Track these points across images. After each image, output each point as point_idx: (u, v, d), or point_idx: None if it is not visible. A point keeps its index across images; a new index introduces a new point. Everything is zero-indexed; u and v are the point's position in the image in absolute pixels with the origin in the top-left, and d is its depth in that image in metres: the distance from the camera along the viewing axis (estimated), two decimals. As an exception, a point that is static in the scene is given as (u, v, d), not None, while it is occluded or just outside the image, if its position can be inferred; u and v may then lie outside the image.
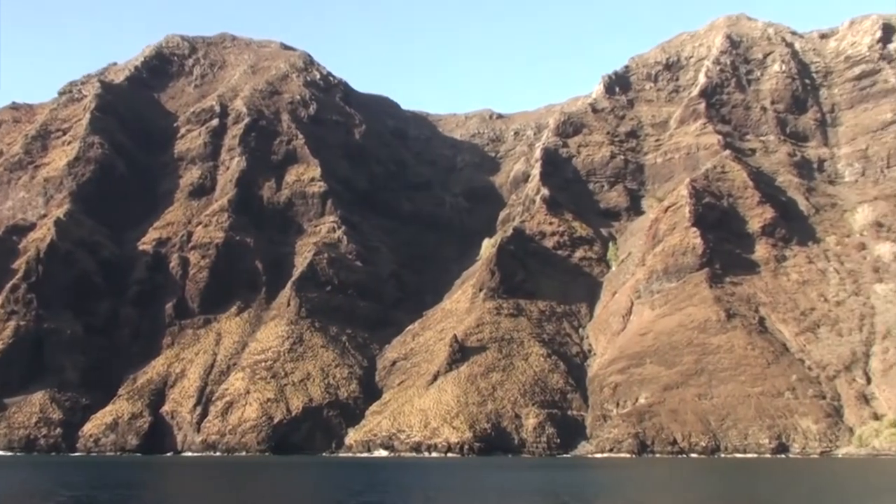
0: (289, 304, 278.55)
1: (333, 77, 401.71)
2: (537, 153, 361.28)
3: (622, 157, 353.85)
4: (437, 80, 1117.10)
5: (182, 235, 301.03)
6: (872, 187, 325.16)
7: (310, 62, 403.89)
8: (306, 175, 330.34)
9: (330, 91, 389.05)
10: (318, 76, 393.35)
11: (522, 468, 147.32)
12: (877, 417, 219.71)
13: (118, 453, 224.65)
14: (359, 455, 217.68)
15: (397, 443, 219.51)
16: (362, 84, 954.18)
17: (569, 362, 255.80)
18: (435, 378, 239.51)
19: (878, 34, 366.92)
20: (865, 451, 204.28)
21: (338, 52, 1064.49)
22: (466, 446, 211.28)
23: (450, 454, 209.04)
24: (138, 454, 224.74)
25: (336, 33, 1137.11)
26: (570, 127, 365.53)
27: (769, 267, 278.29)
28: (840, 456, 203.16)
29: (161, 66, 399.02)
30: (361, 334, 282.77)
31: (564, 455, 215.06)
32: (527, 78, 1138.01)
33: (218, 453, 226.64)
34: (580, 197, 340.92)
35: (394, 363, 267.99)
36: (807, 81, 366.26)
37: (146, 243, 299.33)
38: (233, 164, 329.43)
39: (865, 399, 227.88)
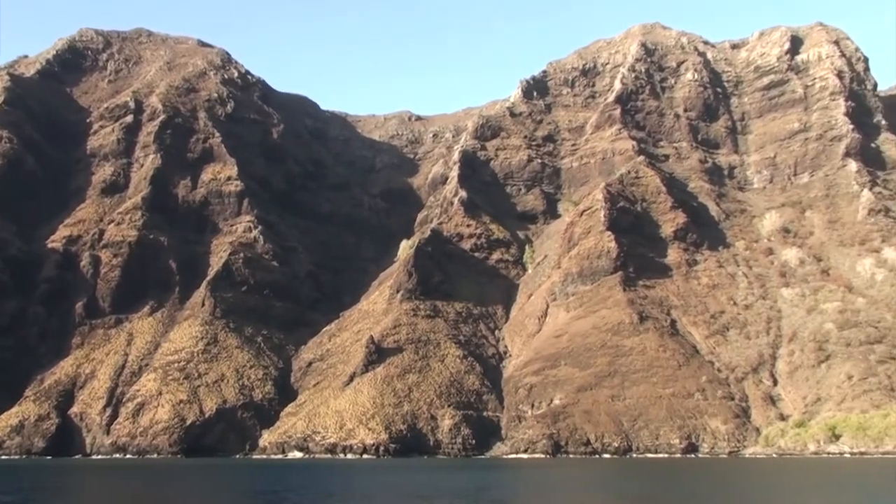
0: (203, 305, 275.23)
1: (251, 75, 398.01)
2: (455, 156, 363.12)
3: (539, 160, 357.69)
4: (357, 80, 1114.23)
5: (94, 233, 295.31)
6: (780, 194, 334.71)
7: (227, 60, 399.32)
8: (223, 174, 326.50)
9: (248, 89, 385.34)
10: (236, 74, 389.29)
11: (438, 469, 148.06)
12: (783, 418, 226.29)
13: (24, 456, 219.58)
14: (273, 457, 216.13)
15: (312, 444, 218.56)
16: (281, 83, 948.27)
17: (485, 364, 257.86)
18: (351, 379, 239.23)
19: (787, 46, 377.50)
20: (771, 451, 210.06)
21: (256, 51, 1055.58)
22: (382, 448, 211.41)
23: (365, 456, 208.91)
24: (46, 457, 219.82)
25: (254, 31, 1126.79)
26: (489, 130, 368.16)
27: (681, 271, 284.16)
28: (747, 456, 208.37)
29: (74, 60, 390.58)
30: (277, 335, 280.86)
31: (480, 456, 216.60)
32: (446, 81, 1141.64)
33: (128, 456, 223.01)
34: (497, 200, 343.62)
35: (310, 364, 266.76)
36: (718, 90, 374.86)
37: (56, 241, 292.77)
38: (147, 162, 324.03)
39: (772, 400, 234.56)
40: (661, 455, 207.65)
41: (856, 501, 79.87)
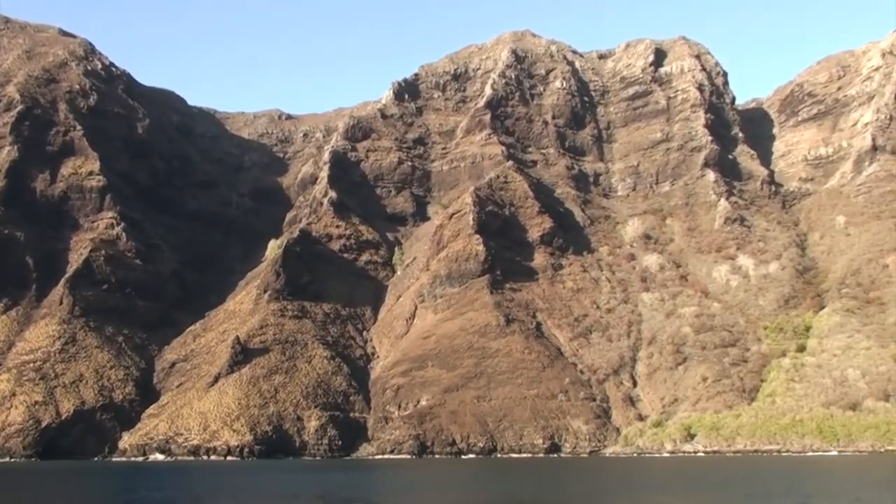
0: (61, 303, 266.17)
1: (116, 68, 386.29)
2: (326, 156, 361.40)
3: (409, 163, 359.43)
4: (227, 77, 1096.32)
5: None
6: (642, 202, 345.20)
7: (91, 51, 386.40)
8: (84, 168, 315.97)
9: (112, 82, 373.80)
10: (100, 66, 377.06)
11: (302, 470, 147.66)
12: (641, 418, 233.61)
13: None
14: (133, 459, 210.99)
15: (175, 446, 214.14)
16: (147, 77, 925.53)
17: (352, 365, 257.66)
18: (216, 380, 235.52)
19: (651, 58, 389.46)
20: (630, 450, 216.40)
21: (121, 43, 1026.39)
22: (247, 449, 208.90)
23: (230, 457, 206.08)
24: None
25: (119, 22, 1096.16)
26: (359, 131, 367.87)
27: (546, 274, 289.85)
28: (608, 455, 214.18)
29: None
30: (139, 335, 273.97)
31: (346, 457, 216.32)
32: (317, 80, 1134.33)
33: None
34: (367, 201, 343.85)
35: (173, 365, 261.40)
36: (585, 99, 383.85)
37: None
38: (3, 154, 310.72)
39: (631, 401, 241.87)
40: (524, 455, 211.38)
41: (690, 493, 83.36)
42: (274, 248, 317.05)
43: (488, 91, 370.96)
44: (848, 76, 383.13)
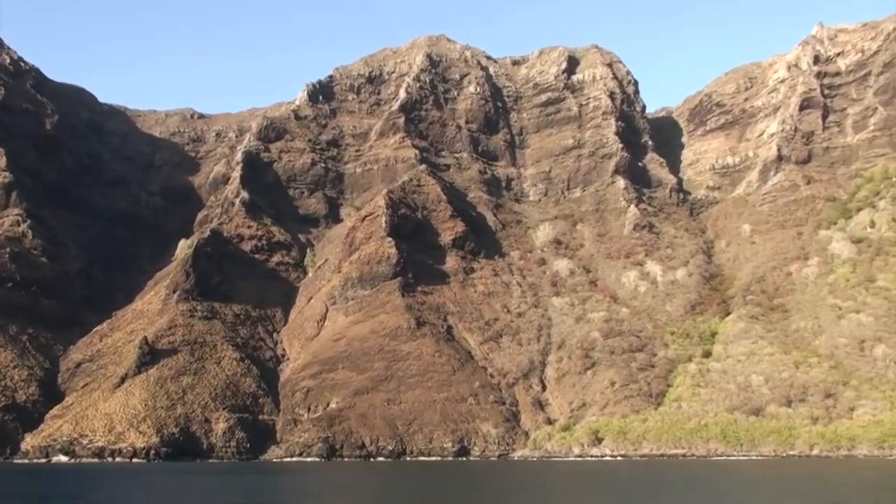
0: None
1: (25, 63, 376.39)
2: (238, 156, 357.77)
3: (323, 165, 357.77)
4: (138, 74, 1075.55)
5: None
6: (553, 207, 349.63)
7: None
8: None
9: (20, 77, 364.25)
10: (8, 60, 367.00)
11: (209, 473, 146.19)
12: (550, 422, 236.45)
13: None
14: (36, 461, 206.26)
15: (79, 448, 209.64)
16: (57, 73, 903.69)
17: (262, 367, 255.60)
18: (122, 381, 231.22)
19: (564, 65, 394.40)
20: (539, 454, 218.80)
21: (31, 38, 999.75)
22: (153, 451, 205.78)
23: (135, 459, 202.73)
24: None
25: (29, 17, 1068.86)
26: (273, 132, 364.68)
27: (458, 278, 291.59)
28: (516, 458, 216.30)
29: None
30: (44, 334, 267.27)
31: (254, 460, 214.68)
32: (231, 80, 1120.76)
33: None
34: (280, 202, 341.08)
35: (78, 365, 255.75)
36: (499, 104, 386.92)
37: None
38: None
39: (540, 405, 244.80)
40: (433, 458, 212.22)
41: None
42: (184, 247, 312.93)
43: (403, 94, 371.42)
44: (755, 87, 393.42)
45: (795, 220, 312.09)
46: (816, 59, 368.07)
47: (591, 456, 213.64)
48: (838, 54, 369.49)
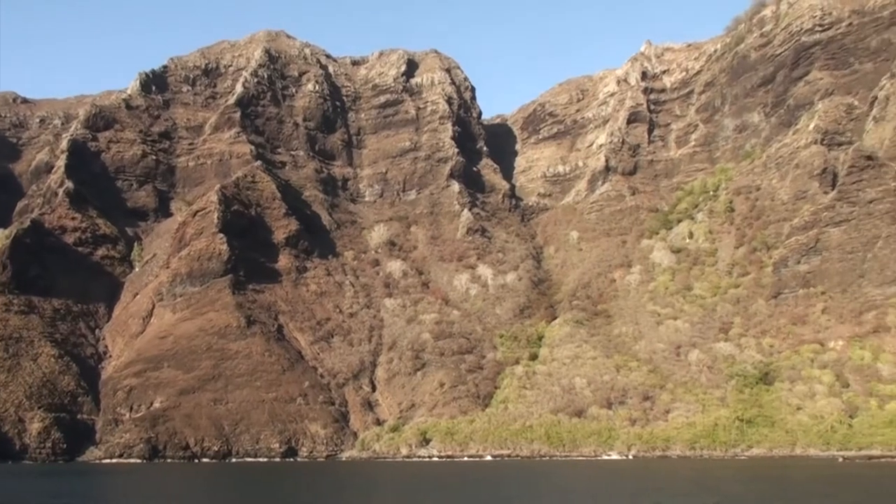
0: None
1: None
2: (64, 144, 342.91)
3: (154, 157, 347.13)
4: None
5: None
6: (389, 208, 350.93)
7: None
8: None
9: None
10: None
11: (17, 475, 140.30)
12: (379, 423, 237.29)
13: None
14: None
15: None
16: None
17: (82, 364, 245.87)
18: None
19: (403, 68, 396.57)
20: (367, 455, 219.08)
21: None
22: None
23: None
24: None
25: None
26: (102, 121, 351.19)
27: (290, 277, 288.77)
28: (344, 459, 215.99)
29: None
30: None
31: (71, 461, 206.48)
32: (58, 64, 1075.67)
33: None
34: (107, 194, 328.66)
35: None
36: (337, 103, 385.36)
37: None
38: None
39: (370, 405, 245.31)
40: (260, 459, 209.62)
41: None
42: (1, 238, 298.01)
43: (239, 89, 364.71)
44: (586, 99, 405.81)
45: (620, 229, 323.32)
46: (644, 76, 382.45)
47: (419, 457, 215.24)
48: (664, 72, 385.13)
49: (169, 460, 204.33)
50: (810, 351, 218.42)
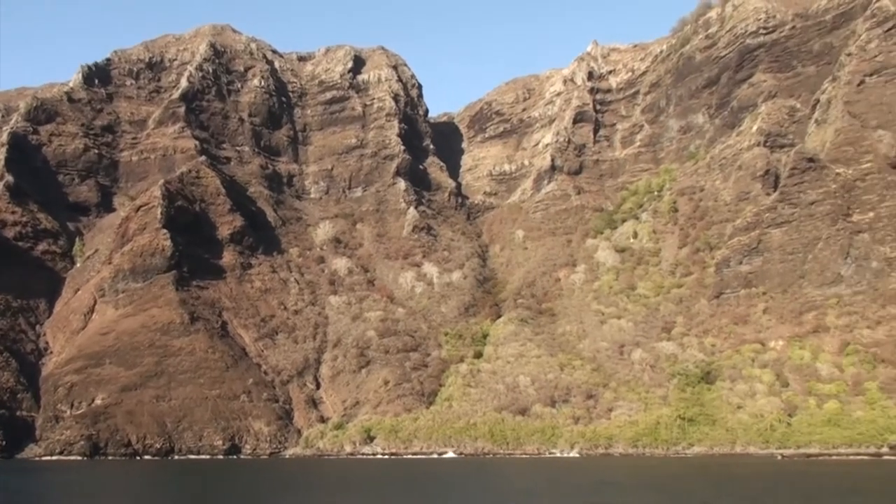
0: None
1: None
2: (3, 137, 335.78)
3: (96, 151, 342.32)
4: None
5: None
6: (334, 206, 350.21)
7: None
8: None
9: None
10: None
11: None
12: (323, 420, 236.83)
13: None
14: None
15: None
16: None
17: (22, 360, 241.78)
18: None
19: (350, 64, 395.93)
20: (311, 452, 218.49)
21: None
22: None
23: None
24: None
25: None
26: (43, 114, 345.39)
27: (235, 273, 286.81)
28: (288, 457, 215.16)
29: None
30: None
31: (9, 459, 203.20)
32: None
33: None
34: (48, 188, 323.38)
35: None
36: (283, 99, 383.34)
37: None
38: None
39: (314, 403, 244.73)
40: (203, 456, 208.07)
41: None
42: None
43: (184, 83, 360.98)
44: (532, 99, 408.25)
45: (565, 228, 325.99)
46: (590, 76, 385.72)
47: (363, 454, 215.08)
48: (610, 72, 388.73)
49: (110, 458, 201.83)
50: (751, 350, 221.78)
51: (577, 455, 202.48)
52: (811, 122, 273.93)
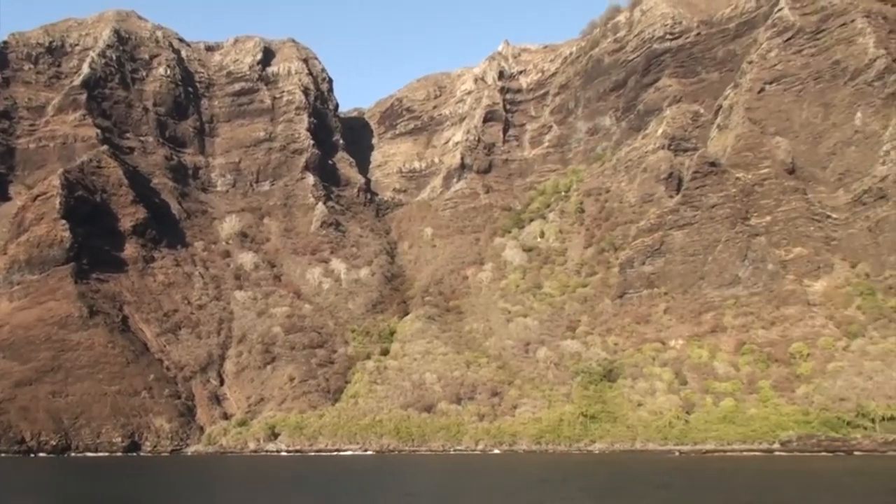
0: None
1: None
2: None
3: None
4: None
5: None
6: (241, 199, 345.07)
7: None
8: None
9: None
10: None
11: None
12: (226, 417, 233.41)
13: None
14: None
15: None
16: None
17: None
18: None
19: (259, 56, 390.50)
20: (214, 449, 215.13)
21: None
22: None
23: None
24: None
25: None
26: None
27: (137, 266, 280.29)
28: (189, 454, 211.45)
29: None
30: None
31: None
32: None
33: None
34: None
35: None
36: (190, 89, 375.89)
37: None
38: None
39: (217, 399, 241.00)
40: (101, 454, 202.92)
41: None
42: None
43: (86, 70, 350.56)
44: (443, 96, 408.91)
45: (474, 227, 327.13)
46: (501, 75, 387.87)
47: (266, 451, 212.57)
48: (521, 72, 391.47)
49: (2, 455, 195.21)
50: (652, 349, 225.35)
51: (480, 452, 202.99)
52: (713, 127, 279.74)
